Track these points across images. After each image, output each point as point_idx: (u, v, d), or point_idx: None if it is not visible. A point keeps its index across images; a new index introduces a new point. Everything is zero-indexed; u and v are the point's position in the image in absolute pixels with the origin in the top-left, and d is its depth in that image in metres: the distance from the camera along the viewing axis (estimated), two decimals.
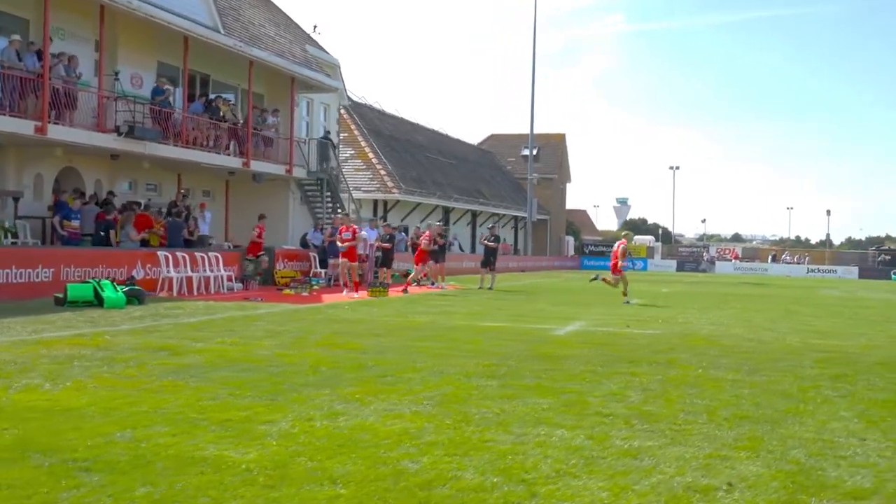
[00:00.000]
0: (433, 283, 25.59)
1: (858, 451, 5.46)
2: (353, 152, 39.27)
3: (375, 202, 38.63)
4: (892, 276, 59.18)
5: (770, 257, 64.96)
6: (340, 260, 21.01)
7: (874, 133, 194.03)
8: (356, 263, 19.77)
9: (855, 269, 60.85)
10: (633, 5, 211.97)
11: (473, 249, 50.74)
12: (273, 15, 31.57)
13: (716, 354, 10.23)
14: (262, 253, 23.09)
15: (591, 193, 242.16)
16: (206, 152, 25.09)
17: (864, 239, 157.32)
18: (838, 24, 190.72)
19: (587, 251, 66.62)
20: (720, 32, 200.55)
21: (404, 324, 13.19)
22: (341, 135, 38.44)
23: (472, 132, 66.79)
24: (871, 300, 26.60)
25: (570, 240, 69.20)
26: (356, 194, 37.66)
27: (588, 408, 6.58)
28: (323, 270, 24.30)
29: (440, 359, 9.12)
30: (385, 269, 23.71)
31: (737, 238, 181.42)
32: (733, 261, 64.36)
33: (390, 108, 49.04)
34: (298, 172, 29.95)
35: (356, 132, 39.79)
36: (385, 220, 37.32)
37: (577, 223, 75.92)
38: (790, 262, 63.96)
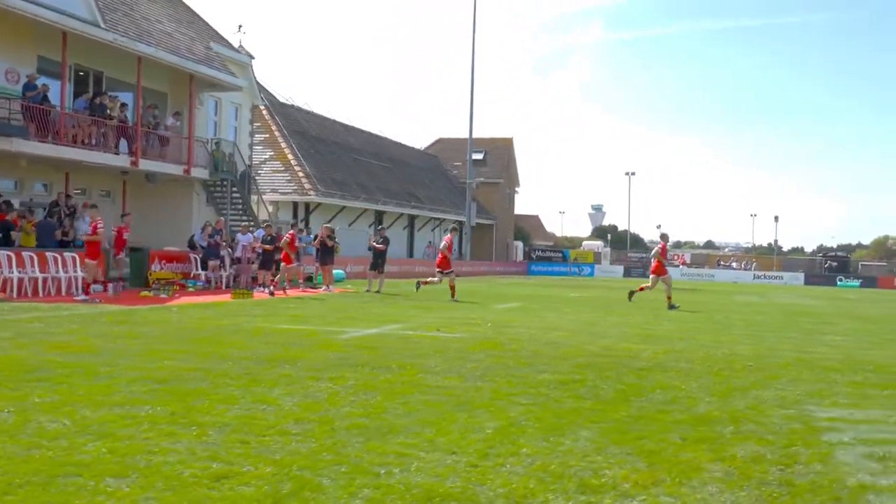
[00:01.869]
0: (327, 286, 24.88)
1: (358, 469, 4.79)
2: (272, 153, 38.50)
3: (295, 204, 37.85)
4: (838, 283, 58.99)
5: (717, 263, 64.58)
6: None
7: (861, 141, 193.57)
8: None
9: (801, 276, 60.62)
10: (613, 14, 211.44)
11: (410, 254, 50.12)
12: (176, 11, 30.78)
13: (477, 359, 9.58)
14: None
15: (564, 199, 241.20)
16: (88, 150, 24.28)
17: (835, 246, 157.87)
18: (821, 31, 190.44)
19: (534, 256, 66.03)
20: (699, 40, 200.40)
21: (202, 326, 12.46)
22: (256, 136, 37.66)
23: (427, 137, 66.37)
24: (770, 305, 26.11)
25: (520, 245, 68.60)
26: (273, 196, 36.95)
27: (189, 417, 5.89)
28: (203, 272, 23.52)
29: (148, 361, 8.44)
30: (265, 270, 22.94)
31: (710, 245, 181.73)
32: (680, 266, 63.92)
33: (322, 110, 48.27)
34: (200, 173, 29.19)
35: (277, 133, 39.02)
36: (306, 224, 36.65)
37: (528, 228, 75.32)
38: (737, 269, 63.61)
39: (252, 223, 30.33)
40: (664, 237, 24.05)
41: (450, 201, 55.12)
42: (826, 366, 10.15)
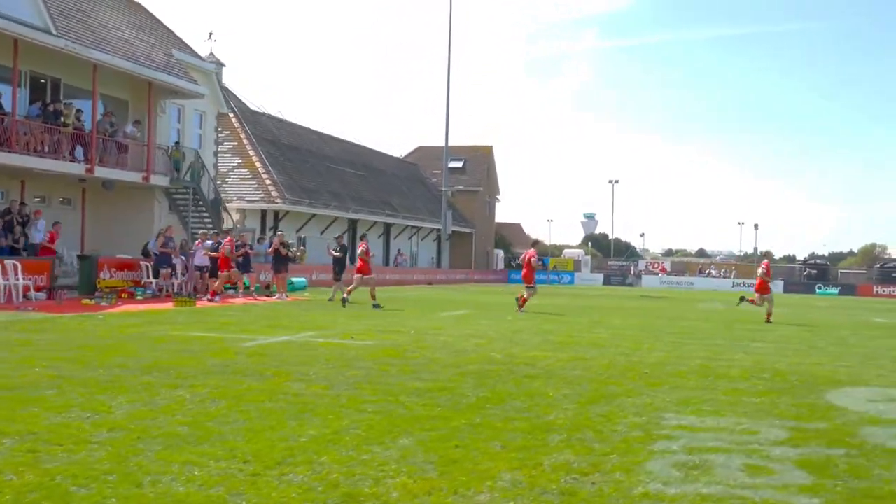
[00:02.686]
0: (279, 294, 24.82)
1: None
2: (240, 161, 38.41)
3: (263, 212, 37.75)
4: (817, 291, 59.02)
5: (698, 271, 64.59)
6: None
7: (859, 147, 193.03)
8: None
9: (780, 283, 60.54)
10: (609, 22, 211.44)
11: (386, 262, 50.00)
12: (138, 18, 30.74)
13: (363, 367, 9.48)
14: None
15: (557, 207, 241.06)
16: (40, 158, 24.17)
17: (826, 254, 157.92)
18: (822, 38, 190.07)
19: (514, 265, 65.87)
20: (696, 47, 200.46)
21: (109, 334, 12.36)
22: (224, 144, 37.63)
23: (411, 145, 66.20)
24: (724, 312, 25.99)
25: (500, 253, 68.50)
26: (241, 204, 36.87)
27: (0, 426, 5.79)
28: (154, 280, 23.40)
29: (15, 370, 8.38)
30: (213, 279, 22.85)
31: (701, 253, 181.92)
32: (660, 275, 63.93)
33: (298, 118, 48.19)
34: (160, 181, 29.10)
35: (245, 141, 38.94)
36: (275, 232, 36.48)
37: (509, 236, 75.24)
38: (716, 277, 63.58)
39: (215, 230, 30.19)
40: (768, 254, 24.19)
41: (427, 209, 55.03)
42: (722, 373, 10.08)
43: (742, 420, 7.05)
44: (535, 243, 23.19)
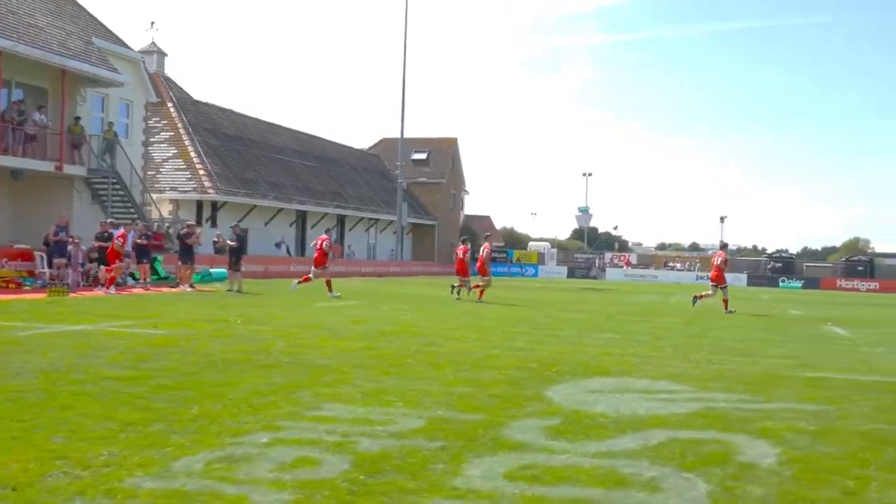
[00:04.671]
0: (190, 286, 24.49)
1: None
2: (175, 151, 37.98)
3: (199, 203, 37.33)
4: (780, 284, 58.66)
5: (663, 264, 64.20)
6: None
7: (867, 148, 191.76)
8: None
9: (744, 277, 60.18)
10: (608, 16, 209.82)
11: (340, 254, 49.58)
12: (58, 6, 30.28)
13: (96, 355, 9.10)
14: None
15: (540, 201, 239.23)
16: None
17: (819, 248, 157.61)
18: (829, 33, 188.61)
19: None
20: (698, 43, 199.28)
21: None
22: (158, 134, 37.26)
23: (376, 137, 64.79)
24: (640, 304, 25.65)
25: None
26: (173, 194, 36.48)
27: None
28: (48, 270, 23.01)
29: None
30: (106, 267, 22.47)
31: (694, 247, 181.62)
32: (625, 268, 63.54)
33: (244, 109, 47.71)
34: (76, 170, 28.73)
35: (182, 131, 38.52)
36: (213, 222, 36.13)
37: (478, 229, 74.60)
38: (681, 270, 63.20)
39: (138, 220, 29.80)
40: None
41: (383, 201, 54.58)
42: (499, 363, 9.72)
43: (403, 410, 6.69)
44: (725, 246, 23.10)
